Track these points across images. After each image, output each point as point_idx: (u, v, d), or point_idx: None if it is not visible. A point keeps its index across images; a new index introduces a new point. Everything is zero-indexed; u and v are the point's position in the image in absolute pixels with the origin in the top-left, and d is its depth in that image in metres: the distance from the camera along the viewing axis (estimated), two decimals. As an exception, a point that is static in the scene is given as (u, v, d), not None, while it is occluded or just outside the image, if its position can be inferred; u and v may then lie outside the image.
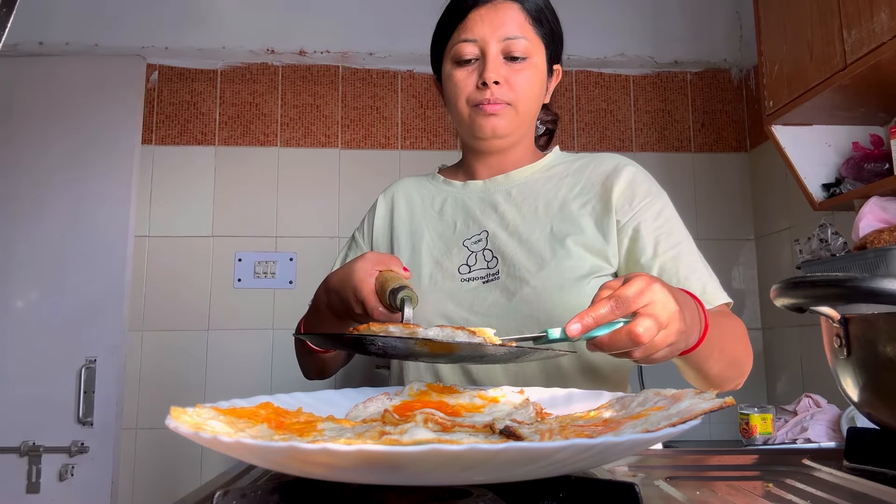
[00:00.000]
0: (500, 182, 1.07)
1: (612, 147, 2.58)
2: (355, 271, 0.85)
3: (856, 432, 0.74)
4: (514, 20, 0.99)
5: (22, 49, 2.48)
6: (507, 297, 0.96)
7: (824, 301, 0.69)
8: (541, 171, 1.08)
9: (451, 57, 1.02)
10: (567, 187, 1.04)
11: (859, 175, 1.87)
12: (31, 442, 2.26)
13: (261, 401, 0.64)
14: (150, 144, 2.52)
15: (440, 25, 1.05)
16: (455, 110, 1.03)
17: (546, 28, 1.03)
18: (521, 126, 1.03)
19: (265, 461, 0.45)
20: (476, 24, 0.99)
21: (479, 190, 1.08)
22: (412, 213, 1.12)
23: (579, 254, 0.96)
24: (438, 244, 1.06)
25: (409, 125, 2.59)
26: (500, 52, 0.99)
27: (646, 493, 0.52)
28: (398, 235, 1.11)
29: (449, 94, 1.03)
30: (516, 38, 0.99)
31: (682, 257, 0.96)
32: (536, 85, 1.02)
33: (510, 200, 1.05)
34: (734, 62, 2.66)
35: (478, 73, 0.99)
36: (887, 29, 1.51)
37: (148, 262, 2.47)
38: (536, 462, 0.42)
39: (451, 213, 1.08)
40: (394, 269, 0.86)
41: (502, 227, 1.03)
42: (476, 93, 0.99)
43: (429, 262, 1.05)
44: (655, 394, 0.59)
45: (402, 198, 1.15)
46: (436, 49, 1.07)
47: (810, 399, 1.93)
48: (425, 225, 1.09)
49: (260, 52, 2.59)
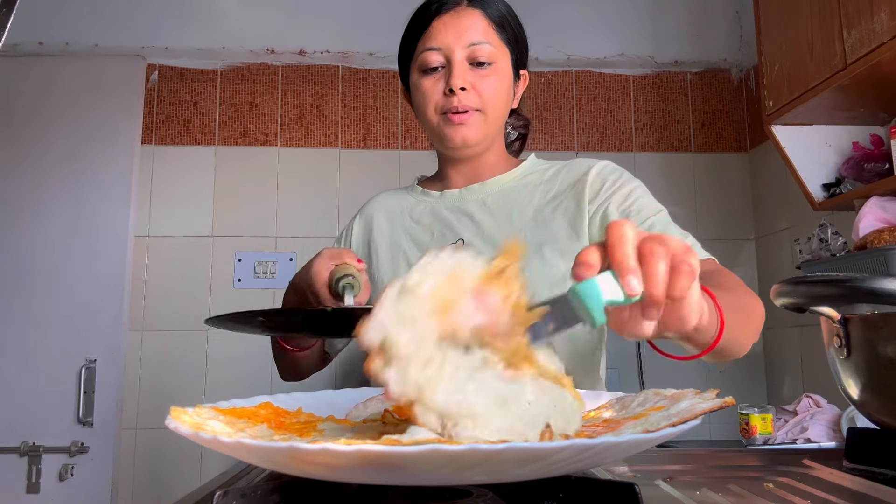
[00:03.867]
0: (476, 191, 1.09)
1: (612, 147, 2.58)
2: (311, 267, 0.88)
3: (856, 432, 0.74)
4: (478, 26, 1.01)
5: (22, 49, 2.48)
6: None
7: (824, 301, 0.69)
8: (515, 179, 1.09)
9: (418, 66, 1.03)
10: (541, 194, 1.05)
11: (859, 175, 1.87)
12: (30, 442, 2.25)
13: (261, 401, 0.64)
14: (150, 144, 2.52)
15: (405, 36, 1.07)
16: (424, 119, 1.04)
17: (510, 33, 1.05)
18: (490, 132, 1.04)
19: (265, 461, 0.45)
20: (440, 32, 1.01)
21: (454, 199, 1.10)
22: (392, 225, 1.14)
23: (554, 261, 0.97)
24: (416, 254, 1.07)
25: (409, 125, 2.59)
26: (466, 59, 1.00)
27: (646, 493, 0.52)
28: (377, 248, 1.13)
29: (417, 104, 1.05)
30: (480, 44, 1.00)
31: (654, 228, 0.94)
32: (503, 89, 1.03)
33: (485, 210, 1.06)
34: (734, 62, 2.66)
35: (444, 81, 1.00)
36: (887, 29, 1.51)
37: (148, 262, 2.46)
38: (536, 462, 0.42)
39: (427, 222, 1.10)
40: (347, 261, 0.88)
41: (478, 235, 1.04)
42: (444, 100, 1.00)
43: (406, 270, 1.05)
44: (655, 394, 0.59)
45: (380, 212, 1.17)
46: (402, 60, 1.09)
47: (810, 399, 1.93)
48: (403, 235, 1.11)
49: (260, 52, 2.59)
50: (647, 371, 2.35)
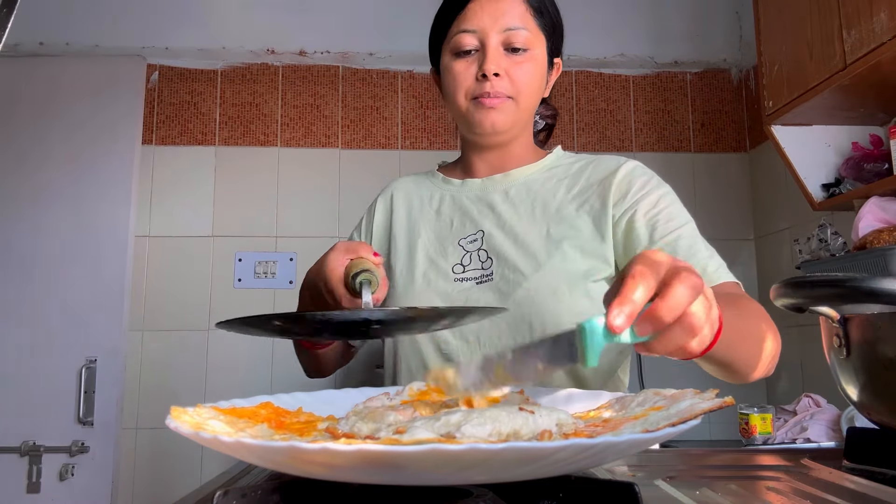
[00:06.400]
0: (499, 181, 1.06)
1: (611, 147, 2.58)
2: (326, 263, 0.84)
3: (856, 432, 0.74)
4: (515, 10, 0.98)
5: (22, 49, 2.48)
6: (500, 299, 0.95)
7: (824, 301, 0.69)
8: (540, 171, 1.06)
9: (450, 48, 1.00)
10: (565, 188, 1.02)
11: (859, 175, 1.87)
12: (31, 442, 2.26)
13: (261, 401, 0.64)
14: (151, 144, 2.52)
15: (439, 16, 1.03)
16: (454, 104, 1.01)
17: (547, 20, 1.01)
18: (520, 120, 1.01)
19: (265, 461, 0.45)
20: (476, 15, 0.97)
21: (476, 188, 1.07)
22: (410, 211, 1.11)
23: (575, 256, 0.95)
24: (434, 243, 1.05)
25: (409, 125, 2.59)
26: (501, 44, 0.97)
27: (646, 493, 0.52)
28: (396, 234, 1.10)
29: (447, 87, 1.01)
30: (517, 29, 0.97)
31: (680, 241, 0.92)
32: (537, 78, 1.00)
33: (507, 200, 1.03)
34: (734, 62, 2.66)
35: (477, 65, 0.97)
36: (887, 29, 1.51)
37: (148, 262, 2.47)
38: (536, 462, 0.42)
39: (448, 211, 1.07)
40: (363, 256, 0.84)
41: (498, 227, 1.01)
42: (476, 85, 0.97)
43: (423, 260, 1.04)
44: (655, 394, 0.59)
45: (400, 197, 1.14)
46: (434, 41, 1.05)
47: (810, 399, 1.93)
48: (422, 223, 1.08)
49: (260, 52, 2.59)
50: (646, 371, 2.35)
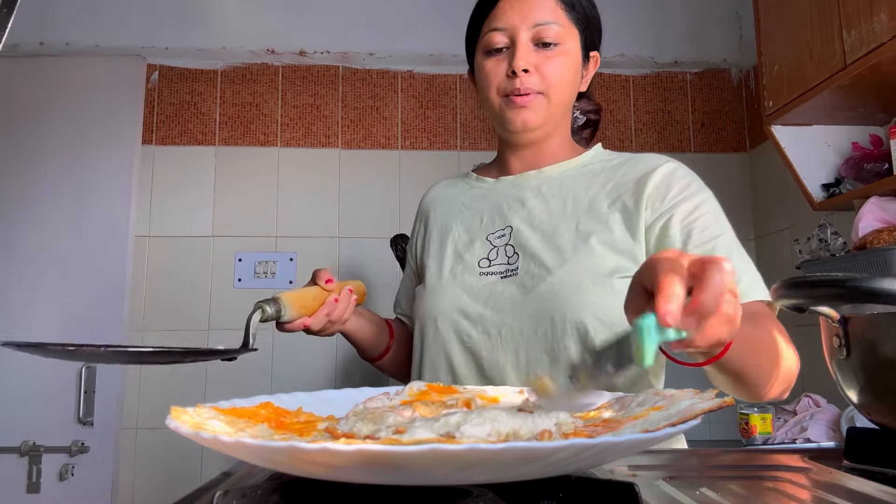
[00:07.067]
0: (532, 177, 1.05)
1: (611, 147, 2.56)
2: None
3: (855, 432, 0.74)
4: (545, 6, 0.98)
5: (22, 49, 2.48)
6: (523, 293, 0.94)
7: (824, 301, 0.69)
8: (575, 168, 1.05)
9: (482, 47, 1.00)
10: (599, 185, 1.01)
11: (859, 175, 1.87)
12: (31, 442, 2.25)
13: (261, 401, 0.64)
14: (151, 144, 2.52)
15: (472, 17, 1.04)
16: (487, 101, 1.01)
17: (580, 13, 1.01)
18: (553, 116, 1.01)
19: (265, 461, 0.45)
20: (505, 13, 0.98)
21: (509, 185, 1.07)
22: (445, 211, 1.12)
23: (603, 252, 0.93)
24: (463, 237, 1.05)
25: (409, 125, 2.59)
26: (531, 40, 0.97)
27: (646, 493, 0.52)
28: (430, 233, 1.12)
29: (480, 86, 1.02)
30: (547, 24, 0.97)
31: (716, 251, 0.90)
32: (569, 72, 0.99)
33: (539, 196, 1.03)
34: (734, 62, 2.66)
35: (507, 62, 0.98)
36: (887, 29, 1.51)
37: (148, 262, 2.47)
38: (536, 462, 0.42)
39: (479, 207, 1.07)
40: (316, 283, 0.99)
41: (527, 222, 1.01)
42: (506, 82, 0.98)
43: (452, 254, 1.05)
44: (655, 394, 0.59)
45: (435, 204, 1.15)
46: (469, 41, 1.06)
47: (810, 399, 1.93)
48: (454, 220, 1.09)
49: (260, 52, 2.59)
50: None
